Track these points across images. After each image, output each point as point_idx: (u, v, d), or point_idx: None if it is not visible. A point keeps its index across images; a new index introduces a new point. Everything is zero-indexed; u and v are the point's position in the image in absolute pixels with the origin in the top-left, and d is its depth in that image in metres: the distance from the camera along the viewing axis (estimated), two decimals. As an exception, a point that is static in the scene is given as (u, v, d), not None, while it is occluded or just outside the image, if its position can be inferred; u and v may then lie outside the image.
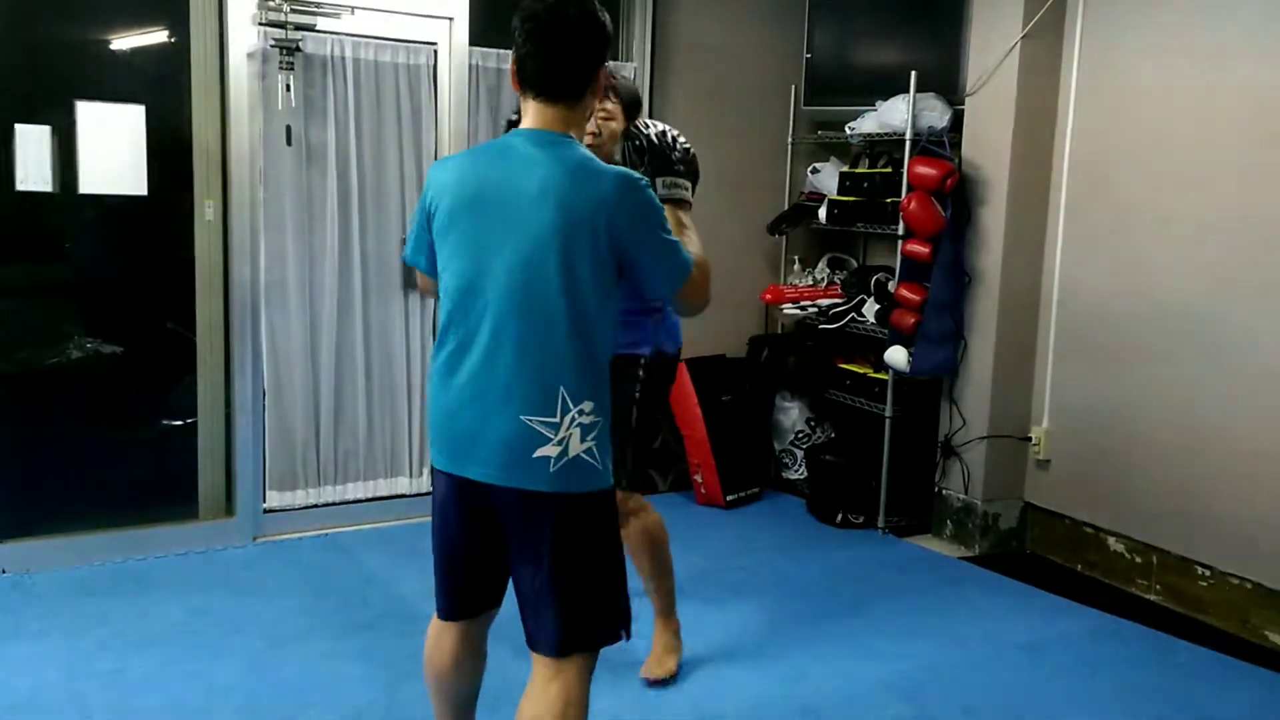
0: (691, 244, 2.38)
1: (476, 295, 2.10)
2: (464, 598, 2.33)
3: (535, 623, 2.20)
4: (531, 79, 2.13)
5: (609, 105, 3.11)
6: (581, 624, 2.19)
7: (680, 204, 2.62)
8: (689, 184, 2.65)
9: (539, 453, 2.07)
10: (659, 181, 2.51)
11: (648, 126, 2.87)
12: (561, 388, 2.07)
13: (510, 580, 2.29)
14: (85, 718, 2.98)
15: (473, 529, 2.22)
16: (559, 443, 2.08)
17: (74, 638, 3.44)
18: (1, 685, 3.12)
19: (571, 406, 2.08)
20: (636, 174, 2.16)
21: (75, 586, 3.83)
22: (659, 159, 2.55)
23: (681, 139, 2.84)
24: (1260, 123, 3.75)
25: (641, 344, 3.20)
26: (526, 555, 2.17)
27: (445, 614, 2.36)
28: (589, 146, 2.62)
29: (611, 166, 2.15)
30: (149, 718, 2.99)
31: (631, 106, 3.19)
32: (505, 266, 2.07)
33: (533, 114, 2.15)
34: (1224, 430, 3.88)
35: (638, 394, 3.22)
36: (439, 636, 2.38)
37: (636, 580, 3.48)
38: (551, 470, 2.08)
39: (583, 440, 2.10)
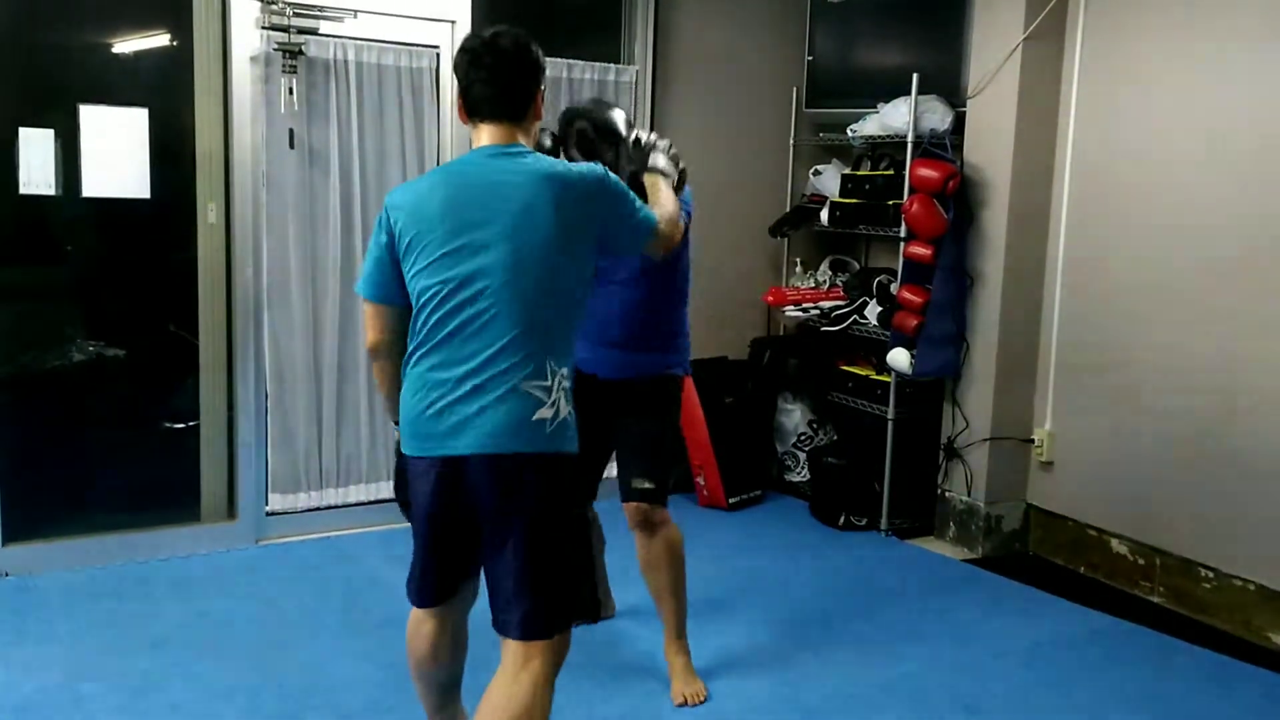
0: (667, 201, 2.69)
1: (469, 293, 2.26)
2: (436, 584, 2.45)
3: (505, 606, 2.31)
4: (478, 104, 2.37)
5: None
6: (550, 603, 2.30)
7: (664, 178, 2.84)
8: (675, 174, 2.88)
9: (537, 415, 2.26)
10: (656, 157, 2.85)
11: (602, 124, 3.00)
12: (548, 357, 2.29)
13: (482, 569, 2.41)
14: (88, 720, 2.98)
15: (448, 511, 2.33)
16: (552, 404, 2.28)
17: (77, 640, 3.45)
18: (5, 687, 3.13)
19: (559, 369, 2.31)
20: (600, 165, 2.44)
21: (78, 589, 3.84)
22: (638, 150, 2.88)
23: (664, 143, 2.98)
24: (1262, 123, 3.75)
25: (677, 365, 3.33)
26: (502, 529, 2.28)
27: (418, 601, 2.48)
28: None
29: (580, 163, 2.44)
30: (152, 720, 2.99)
31: (602, 136, 3.06)
32: (500, 264, 2.25)
33: (486, 136, 2.38)
34: (1227, 433, 3.88)
35: (677, 412, 3.34)
36: (418, 625, 2.50)
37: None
38: (547, 432, 2.28)
39: (567, 402, 2.33)
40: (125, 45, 4.23)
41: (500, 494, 2.26)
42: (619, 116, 2.98)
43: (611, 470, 3.41)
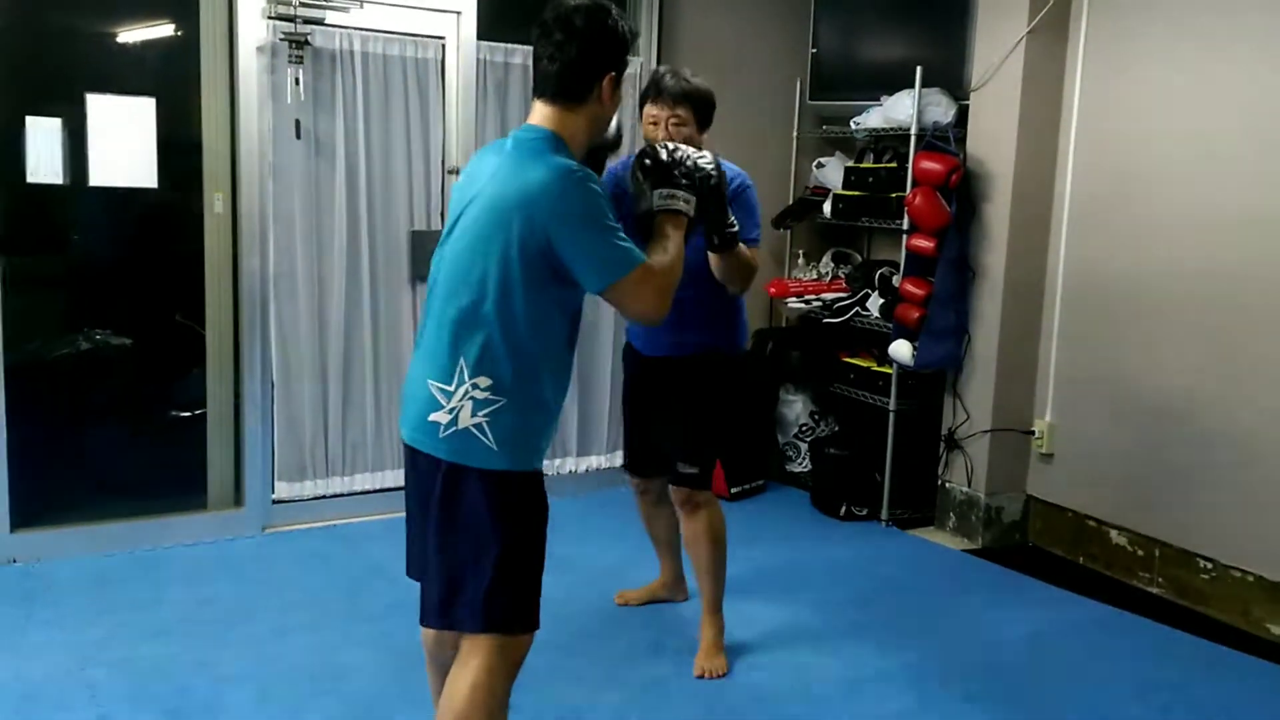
0: (662, 253, 2.31)
1: (435, 277, 2.28)
2: (416, 560, 2.41)
3: (427, 594, 2.31)
4: (538, 82, 2.27)
5: (680, 111, 3.14)
6: (462, 600, 2.22)
7: (673, 215, 2.46)
8: (691, 198, 2.49)
9: (432, 417, 2.20)
10: (655, 193, 2.44)
11: (674, 149, 2.63)
12: (462, 359, 2.17)
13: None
14: (96, 706, 3.01)
15: (411, 493, 2.36)
16: (449, 410, 2.18)
17: (85, 627, 3.47)
18: (14, 674, 3.16)
19: (467, 379, 2.16)
20: (574, 167, 2.18)
21: (86, 576, 3.86)
22: (660, 172, 2.48)
23: (699, 158, 2.61)
24: (1264, 115, 3.77)
25: (725, 343, 3.32)
26: (423, 521, 2.29)
27: (409, 572, 2.44)
28: None
29: (553, 159, 2.18)
30: (160, 706, 3.02)
31: (708, 112, 3.19)
32: (451, 251, 2.24)
33: (533, 112, 2.29)
34: (1226, 424, 3.91)
35: (729, 389, 3.35)
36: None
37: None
38: (440, 436, 2.19)
39: (473, 414, 2.17)
40: (132, 35, 4.25)
41: (423, 485, 2.26)
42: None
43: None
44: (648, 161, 2.47)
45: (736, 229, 2.99)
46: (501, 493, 2.21)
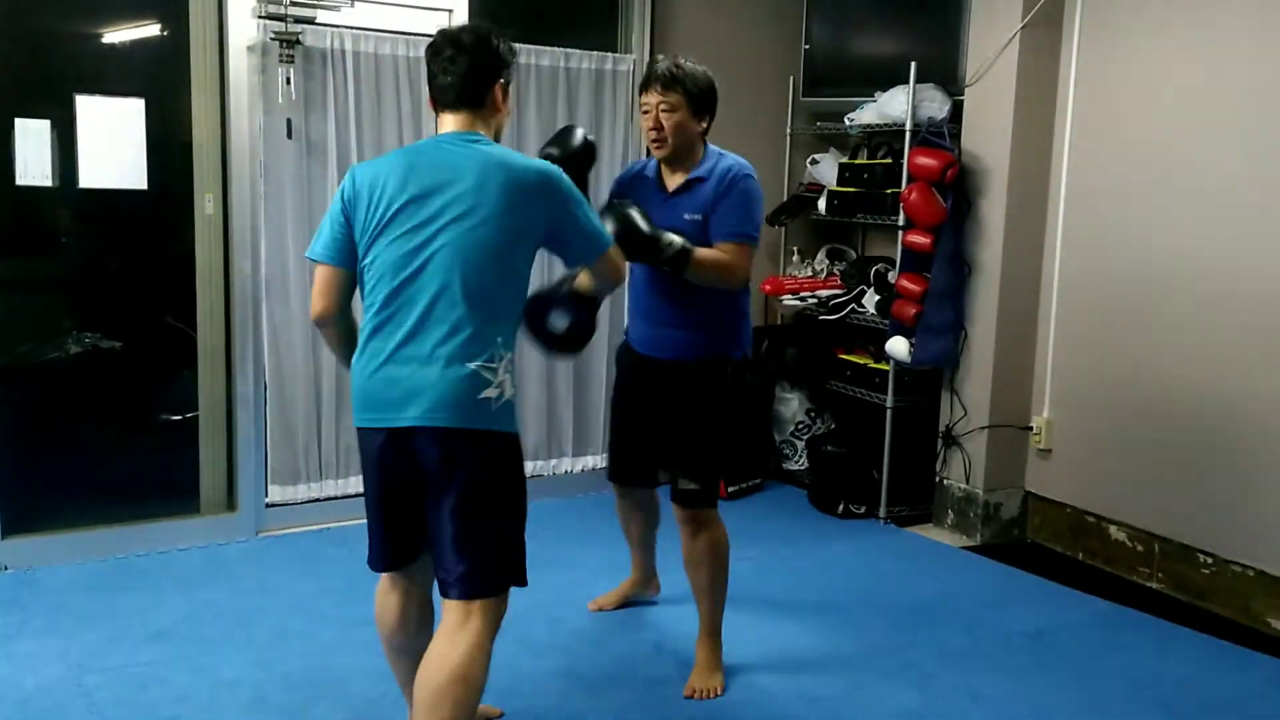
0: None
1: (420, 270, 2.38)
2: (393, 549, 2.56)
3: (446, 569, 2.43)
4: (440, 93, 2.52)
5: (671, 97, 3.03)
6: (487, 566, 2.43)
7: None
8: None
9: (484, 394, 2.38)
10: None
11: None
12: (499, 336, 2.41)
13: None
14: (93, 713, 2.97)
15: (397, 479, 2.46)
16: (497, 385, 2.39)
17: (80, 633, 3.44)
18: (9, 681, 3.12)
19: (505, 354, 2.42)
20: (554, 165, 2.53)
21: (79, 582, 3.83)
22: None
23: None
24: (1260, 108, 3.76)
25: (734, 348, 3.20)
26: (442, 496, 2.41)
27: (376, 564, 2.59)
28: (651, 142, 3.07)
29: (533, 160, 2.55)
30: (158, 712, 2.98)
31: (701, 99, 3.08)
32: (449, 244, 2.37)
33: (448, 123, 2.52)
34: (1225, 418, 3.90)
35: (729, 399, 3.20)
36: (385, 595, 2.62)
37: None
38: (494, 409, 2.40)
39: (513, 384, 2.45)
40: (121, 35, 4.21)
41: (442, 464, 2.39)
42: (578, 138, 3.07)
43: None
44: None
45: (675, 246, 2.91)
46: (520, 454, 2.53)
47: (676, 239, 2.94)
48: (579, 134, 3.10)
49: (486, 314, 2.39)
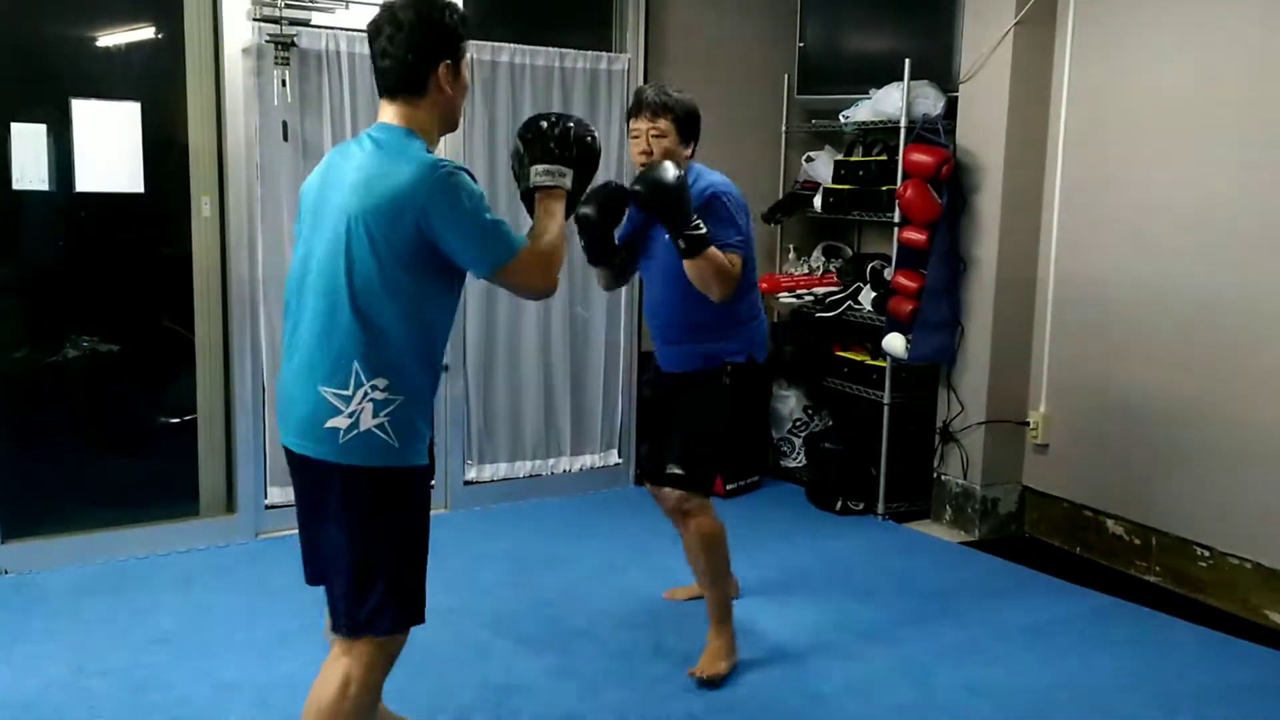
0: (543, 232, 2.36)
1: (302, 279, 2.27)
2: (310, 563, 2.43)
3: (328, 596, 2.32)
4: (378, 80, 2.31)
5: (660, 124, 3.16)
6: (350, 600, 2.26)
7: (552, 190, 2.44)
8: (569, 171, 2.45)
9: (330, 423, 2.20)
10: (533, 169, 2.43)
11: (555, 119, 2.56)
12: (355, 363, 2.19)
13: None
14: (94, 716, 2.98)
15: (303, 500, 2.36)
16: (349, 415, 2.19)
17: (80, 636, 3.44)
18: (10, 685, 3.13)
19: (365, 381, 2.19)
20: (442, 161, 2.21)
21: (79, 586, 3.83)
22: (538, 146, 2.45)
23: (579, 128, 2.53)
24: (1255, 102, 3.77)
25: (737, 353, 3.27)
26: (317, 527, 2.31)
27: (308, 580, 2.46)
28: (641, 166, 3.02)
29: (420, 154, 2.22)
30: (160, 715, 2.99)
31: (688, 124, 3.21)
32: (320, 251, 2.23)
33: (383, 114, 2.31)
34: (1221, 411, 3.91)
35: (726, 399, 3.27)
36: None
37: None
38: (341, 441, 2.20)
39: (375, 415, 2.20)
40: (117, 38, 4.21)
41: (314, 490, 2.28)
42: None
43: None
44: (527, 134, 2.49)
45: (701, 231, 3.00)
46: (404, 489, 2.28)
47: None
48: (614, 192, 3.15)
49: (348, 337, 2.19)
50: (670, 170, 2.99)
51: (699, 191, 3.16)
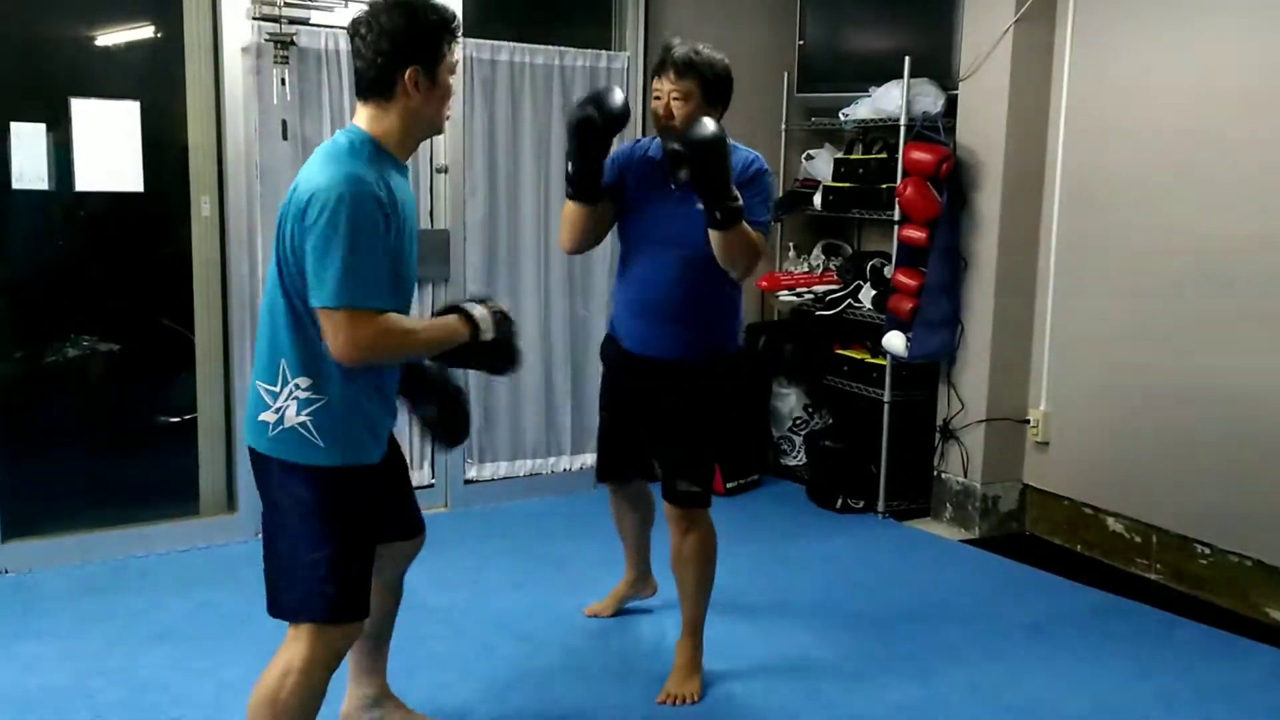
0: (413, 323, 2.35)
1: (267, 282, 2.33)
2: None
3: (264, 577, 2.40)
4: (355, 80, 2.31)
5: (684, 85, 2.89)
6: (279, 590, 2.35)
7: (465, 324, 2.42)
8: (490, 332, 2.43)
9: (261, 417, 2.27)
10: (471, 301, 2.46)
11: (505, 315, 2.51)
12: (283, 360, 2.24)
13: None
14: (95, 715, 2.98)
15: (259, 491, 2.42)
16: (276, 410, 2.25)
17: (81, 636, 3.44)
18: (11, 684, 3.13)
19: (290, 379, 2.24)
20: (353, 179, 2.13)
21: (79, 585, 3.83)
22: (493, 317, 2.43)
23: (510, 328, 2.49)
24: (1255, 95, 3.77)
25: (732, 343, 3.14)
26: (265, 513, 2.37)
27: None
28: (660, 129, 2.87)
29: (347, 166, 2.16)
30: (161, 715, 2.99)
31: (716, 87, 2.93)
32: (273, 263, 2.27)
33: (355, 113, 2.32)
34: (1222, 408, 3.91)
35: (728, 394, 3.16)
36: None
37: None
38: (269, 435, 2.27)
39: (298, 414, 2.24)
40: (116, 38, 4.21)
41: (256, 481, 2.37)
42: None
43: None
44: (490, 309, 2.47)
45: (740, 204, 2.80)
46: (329, 488, 2.28)
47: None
48: (618, 97, 2.89)
49: (280, 334, 2.23)
50: (718, 131, 2.74)
51: (740, 161, 2.96)
